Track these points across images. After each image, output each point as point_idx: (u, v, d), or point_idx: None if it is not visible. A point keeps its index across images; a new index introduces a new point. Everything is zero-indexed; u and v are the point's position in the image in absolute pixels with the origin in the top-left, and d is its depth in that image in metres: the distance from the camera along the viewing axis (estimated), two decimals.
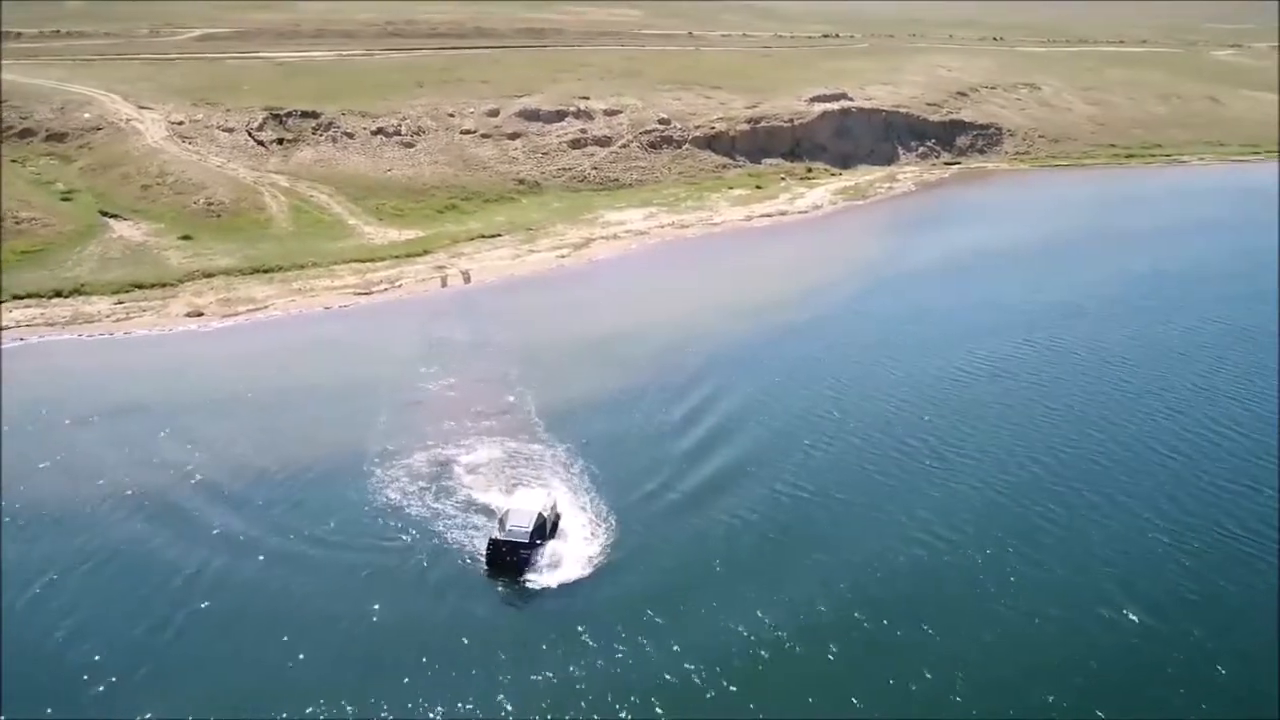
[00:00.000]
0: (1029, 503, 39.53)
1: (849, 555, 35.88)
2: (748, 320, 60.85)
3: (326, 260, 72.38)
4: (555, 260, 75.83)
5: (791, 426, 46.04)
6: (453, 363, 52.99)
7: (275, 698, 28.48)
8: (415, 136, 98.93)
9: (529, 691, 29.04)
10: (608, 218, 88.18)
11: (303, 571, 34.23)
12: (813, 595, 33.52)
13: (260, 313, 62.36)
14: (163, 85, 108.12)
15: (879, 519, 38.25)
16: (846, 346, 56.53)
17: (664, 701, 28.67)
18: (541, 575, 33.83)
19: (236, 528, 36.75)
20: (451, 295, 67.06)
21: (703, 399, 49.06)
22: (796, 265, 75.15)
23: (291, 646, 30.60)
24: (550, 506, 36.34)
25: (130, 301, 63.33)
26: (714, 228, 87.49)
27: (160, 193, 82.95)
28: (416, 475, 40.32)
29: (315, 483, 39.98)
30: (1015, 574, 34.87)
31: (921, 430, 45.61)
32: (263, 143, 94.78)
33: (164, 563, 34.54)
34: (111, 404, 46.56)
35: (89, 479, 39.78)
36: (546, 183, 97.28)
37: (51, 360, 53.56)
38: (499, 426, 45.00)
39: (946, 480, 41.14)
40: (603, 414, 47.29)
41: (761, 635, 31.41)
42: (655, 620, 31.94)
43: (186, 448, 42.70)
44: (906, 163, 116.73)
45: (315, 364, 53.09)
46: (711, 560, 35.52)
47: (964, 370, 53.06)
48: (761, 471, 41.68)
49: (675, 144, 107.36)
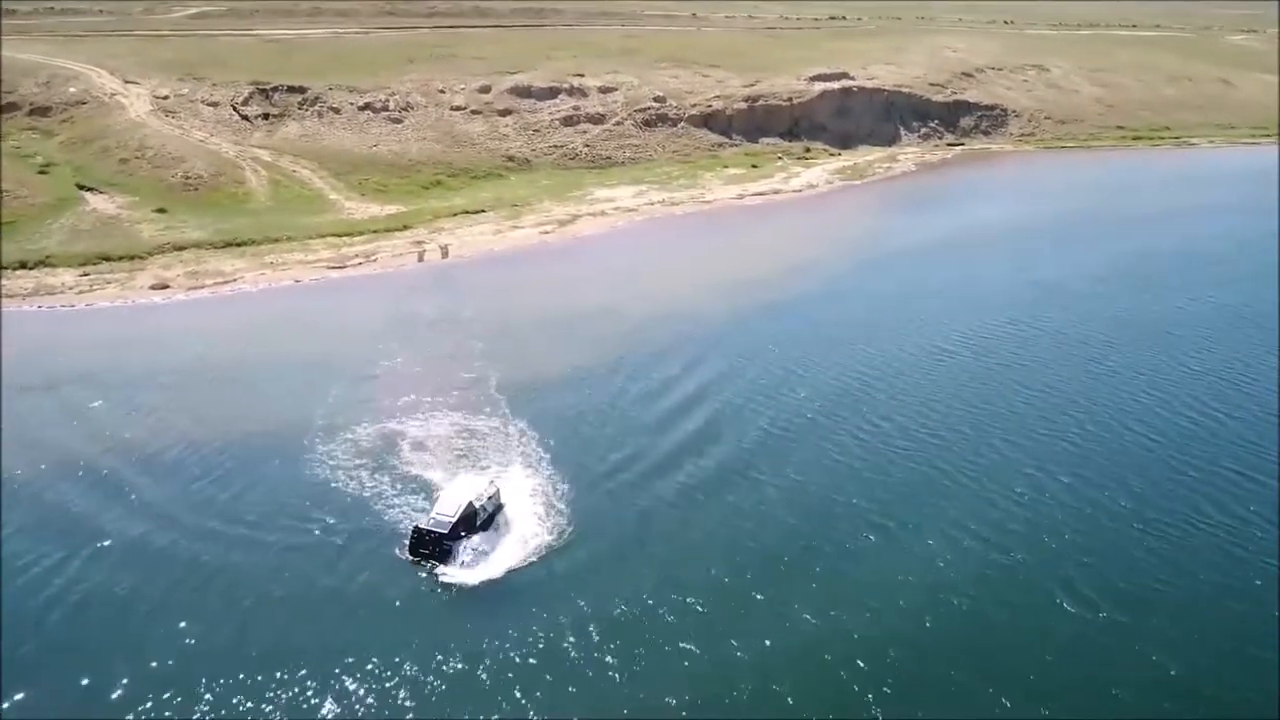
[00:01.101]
0: (995, 485, 37.39)
1: (796, 543, 33.79)
2: (728, 298, 58.90)
3: (302, 234, 70.76)
4: (538, 236, 74.03)
5: (757, 406, 44.12)
6: (416, 337, 51.31)
7: (142, 680, 26.81)
8: (403, 113, 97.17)
9: (394, 688, 27.09)
10: (597, 195, 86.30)
11: (213, 548, 32.49)
12: (744, 573, 31.78)
13: (227, 286, 60.83)
14: (151, 60, 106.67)
15: (832, 502, 36.21)
16: (824, 324, 54.54)
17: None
18: (460, 569, 31.43)
19: (156, 501, 35.15)
20: (426, 270, 65.36)
21: (671, 377, 47.21)
22: (783, 244, 73.07)
23: (179, 626, 28.89)
24: (487, 495, 33.93)
25: (96, 274, 61.91)
26: (705, 206, 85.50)
27: (139, 166, 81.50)
28: (359, 451, 38.60)
29: (249, 457, 38.29)
30: (971, 559, 32.80)
31: (891, 410, 43.59)
32: (247, 117, 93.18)
33: (78, 533, 33.01)
34: (54, 375, 45.07)
35: (16, 448, 38.26)
36: (537, 160, 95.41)
37: (6, 331, 52.08)
38: (455, 402, 43.27)
39: (910, 462, 39.05)
40: (566, 391, 45.52)
41: (688, 660, 28.51)
42: (567, 630, 29.32)
43: (125, 419, 41.20)
44: (908, 143, 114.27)
45: (274, 337, 51.53)
46: (652, 555, 33.03)
47: (942, 349, 50.99)
48: (719, 453, 39.68)
49: (670, 122, 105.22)
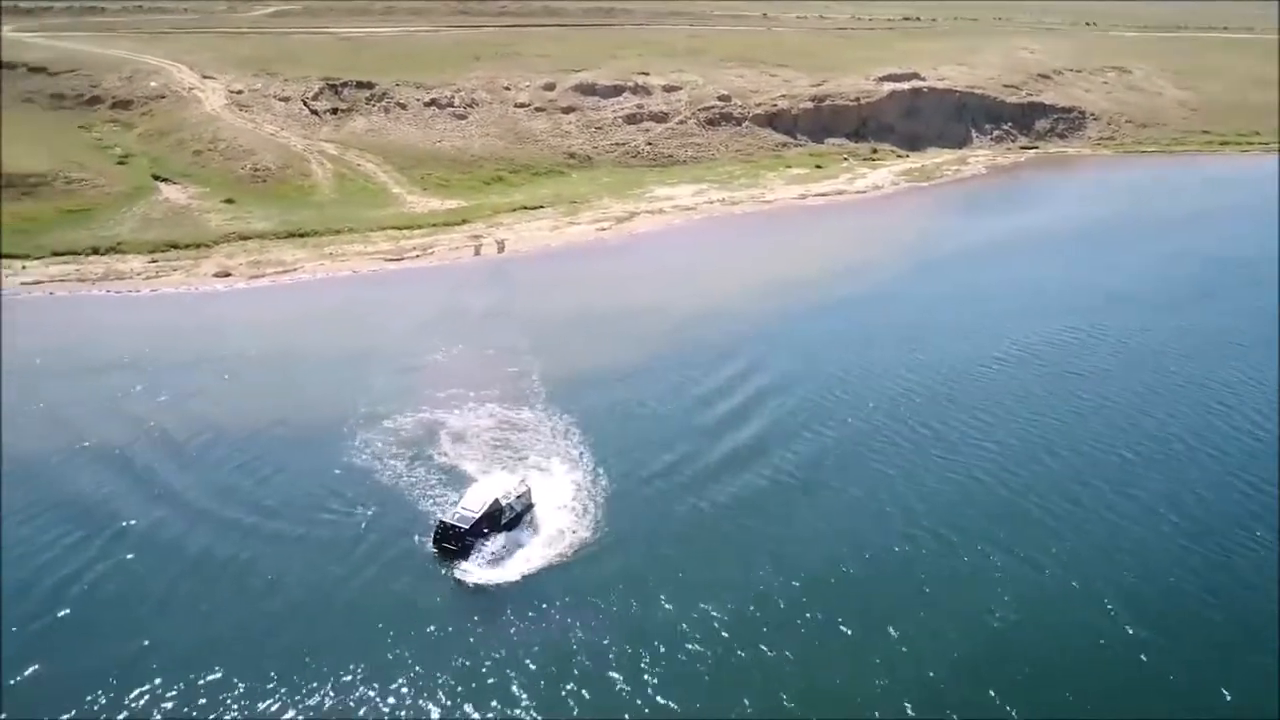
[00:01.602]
0: (1038, 498, 35.71)
1: (832, 552, 32.44)
2: (782, 297, 57.90)
3: (363, 227, 71.76)
4: (594, 233, 73.87)
5: (804, 410, 42.90)
6: (465, 330, 51.42)
7: (139, 664, 26.77)
8: (468, 109, 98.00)
9: (384, 681, 26.59)
10: (656, 193, 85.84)
11: (233, 533, 32.62)
12: (774, 591, 30.32)
13: (287, 275, 61.89)
14: (228, 57, 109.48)
15: (872, 512, 34.84)
16: (878, 327, 53.10)
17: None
18: (479, 567, 30.80)
19: (187, 484, 35.52)
20: (482, 264, 65.66)
21: (719, 377, 46.35)
22: (842, 245, 71.70)
23: (190, 609, 29.02)
24: (516, 494, 33.31)
25: (163, 260, 63.59)
26: (765, 205, 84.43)
27: (211, 158, 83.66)
28: (397, 440, 38.63)
29: (287, 442, 38.58)
30: (1006, 575, 31.25)
31: (937, 418, 42.03)
32: (317, 112, 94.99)
33: (101, 514, 33.55)
34: (110, 358, 46.30)
35: (59, 429, 39.27)
36: (598, 157, 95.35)
37: (71, 314, 53.83)
38: (498, 395, 43.10)
39: (952, 471, 37.47)
40: (610, 388, 45.02)
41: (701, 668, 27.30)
42: (576, 640, 28.14)
43: (169, 403, 41.91)
44: (979, 146, 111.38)
45: (326, 326, 52.19)
46: (683, 567, 31.74)
47: (997, 356, 49.15)
48: (761, 460, 38.49)
49: (734, 121, 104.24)
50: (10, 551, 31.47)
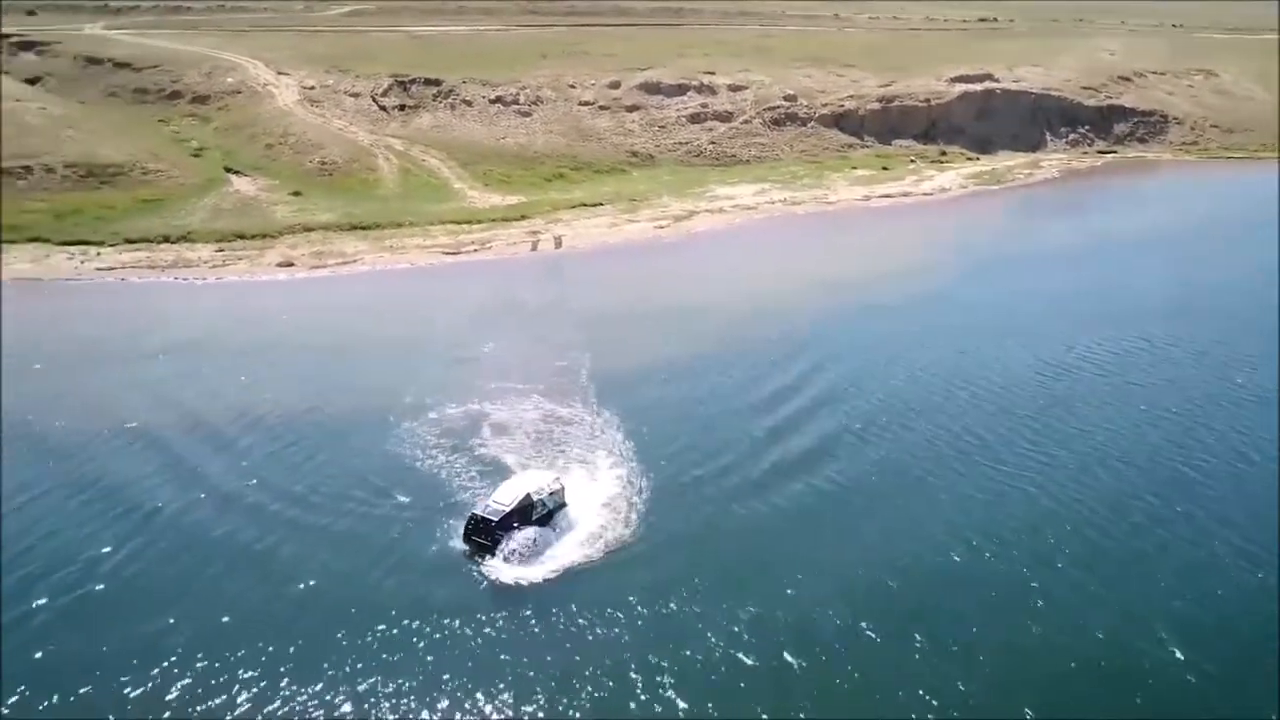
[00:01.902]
0: (1085, 511, 34.02)
1: (877, 567, 30.96)
2: (838, 298, 56.84)
3: (424, 220, 72.55)
4: (653, 231, 73.57)
5: (851, 414, 41.60)
6: (517, 324, 51.50)
7: (160, 642, 26.83)
8: (533, 106, 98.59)
9: (379, 671, 26.18)
10: (717, 192, 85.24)
11: (263, 516, 32.75)
12: (813, 610, 28.90)
13: (347, 266, 62.86)
14: (303, 54, 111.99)
15: (918, 526, 33.35)
16: (938, 331, 51.61)
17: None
18: (505, 562, 30.39)
19: (218, 469, 35.84)
20: (538, 259, 65.88)
21: (768, 378, 45.44)
22: (903, 246, 70.24)
23: (214, 587, 29.15)
24: (549, 490, 32.81)
25: (230, 250, 65.09)
26: (827, 206, 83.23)
27: (281, 152, 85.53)
28: (440, 430, 38.55)
29: (325, 430, 38.65)
30: (1053, 600, 29.66)
31: (988, 425, 40.46)
32: (385, 108, 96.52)
33: (137, 493, 34.14)
34: (168, 342, 47.37)
35: (111, 409, 40.12)
36: (661, 156, 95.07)
37: (138, 299, 55.40)
38: (545, 389, 42.90)
39: (1010, 485, 35.80)
40: (660, 385, 44.51)
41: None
42: (592, 649, 27.12)
43: (217, 387, 42.52)
44: (1054, 149, 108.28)
45: (380, 317, 52.77)
46: (718, 570, 30.68)
47: (1054, 362, 47.20)
48: (810, 464, 37.23)
49: (800, 121, 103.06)
50: (50, 525, 32.25)
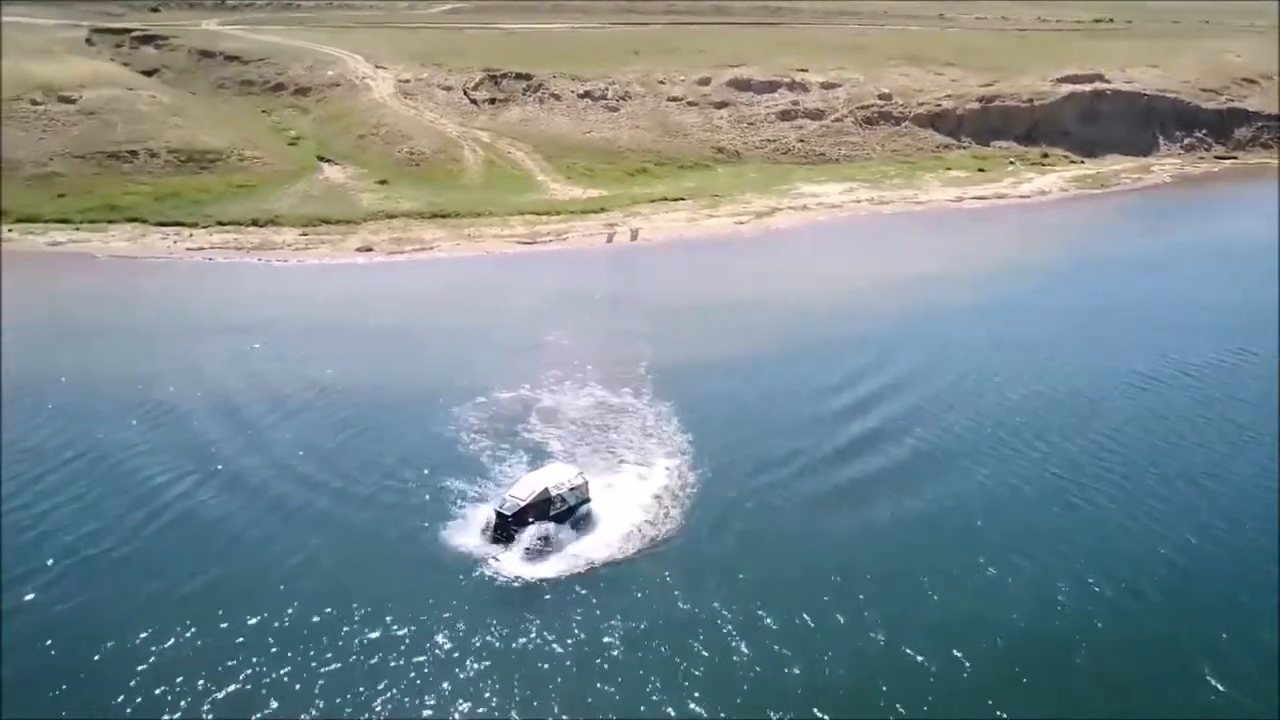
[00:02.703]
0: (1160, 528, 31.64)
1: (932, 590, 28.65)
2: (915, 298, 54.67)
3: (503, 211, 73.05)
4: (732, 226, 72.44)
5: (923, 420, 39.32)
6: (582, 313, 51.19)
7: (197, 598, 27.42)
8: (621, 101, 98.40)
9: (370, 659, 25.69)
10: (802, 190, 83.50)
11: (300, 489, 33.06)
12: (854, 633, 26.73)
13: (424, 253, 63.67)
14: (402, 49, 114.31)
15: (982, 549, 30.95)
16: (1017, 336, 48.99)
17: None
18: (519, 558, 29.48)
19: (272, 440, 36.49)
20: (612, 251, 65.53)
21: (835, 376, 43.74)
22: (992, 247, 67.47)
23: (244, 556, 29.55)
24: (569, 485, 31.62)
25: (313, 234, 66.71)
26: (916, 206, 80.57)
27: (372, 142, 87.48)
28: (488, 415, 38.29)
29: (377, 408, 38.93)
30: (1106, 620, 27.49)
31: (1060, 434, 38.00)
32: (476, 101, 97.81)
33: (197, 457, 35.07)
34: (243, 319, 48.81)
35: (181, 379, 41.36)
36: (747, 153, 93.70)
37: (222, 278, 57.15)
38: (601, 378, 42.34)
39: (1068, 495, 33.61)
40: (720, 379, 43.48)
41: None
42: (591, 658, 25.84)
43: (283, 363, 43.38)
44: (1167, 154, 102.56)
45: (448, 302, 53.29)
46: (754, 581, 28.79)
47: (1144, 373, 43.98)
48: (868, 472, 35.34)
49: (894, 121, 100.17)
50: (114, 484, 33.40)
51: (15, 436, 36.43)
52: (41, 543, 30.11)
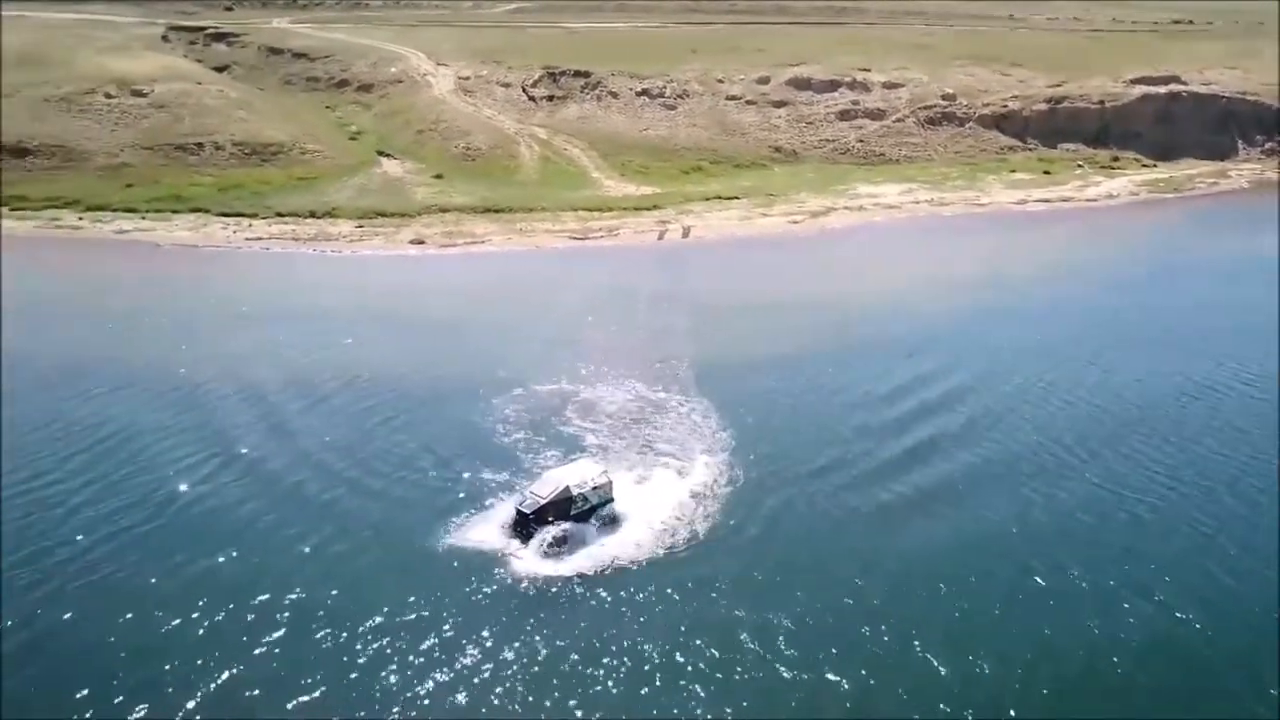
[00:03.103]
0: (1208, 544, 30.15)
1: (977, 612, 27.11)
2: (967, 300, 53.28)
3: (556, 206, 73.13)
4: (785, 225, 71.54)
5: (971, 426, 38.24)
6: (627, 308, 50.95)
7: (206, 579, 27.58)
8: (678, 99, 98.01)
9: (394, 659, 25.32)
10: (859, 190, 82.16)
11: (323, 476, 33.20)
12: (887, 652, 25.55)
13: (475, 246, 64.02)
14: (464, 47, 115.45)
15: (1015, 549, 30.08)
16: (1074, 341, 47.18)
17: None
18: (537, 556, 28.87)
19: (300, 426, 36.80)
20: (662, 248, 65.16)
21: (881, 377, 42.83)
22: (1051, 250, 65.50)
23: (256, 540, 29.71)
24: (592, 484, 30.78)
25: (368, 226, 67.54)
26: (977, 208, 78.68)
27: (430, 137, 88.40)
28: (522, 408, 38.12)
29: (410, 398, 39.07)
30: (1146, 648, 26.22)
31: (1109, 443, 36.51)
32: (534, 98, 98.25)
33: (224, 440, 35.64)
34: (289, 306, 49.82)
35: (221, 363, 42.13)
36: (805, 153, 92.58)
37: (276, 267, 58.19)
38: (640, 374, 41.96)
39: (1113, 508, 32.14)
40: (762, 377, 42.60)
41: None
42: (599, 659, 25.19)
43: (321, 350, 43.95)
44: (1245, 159, 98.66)
45: (494, 295, 53.39)
46: (782, 589, 27.67)
47: (1204, 383, 42.12)
48: (910, 476, 34.19)
49: (957, 121, 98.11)
50: (139, 464, 34.03)
51: (56, 415, 37.49)
52: (69, 518, 30.86)
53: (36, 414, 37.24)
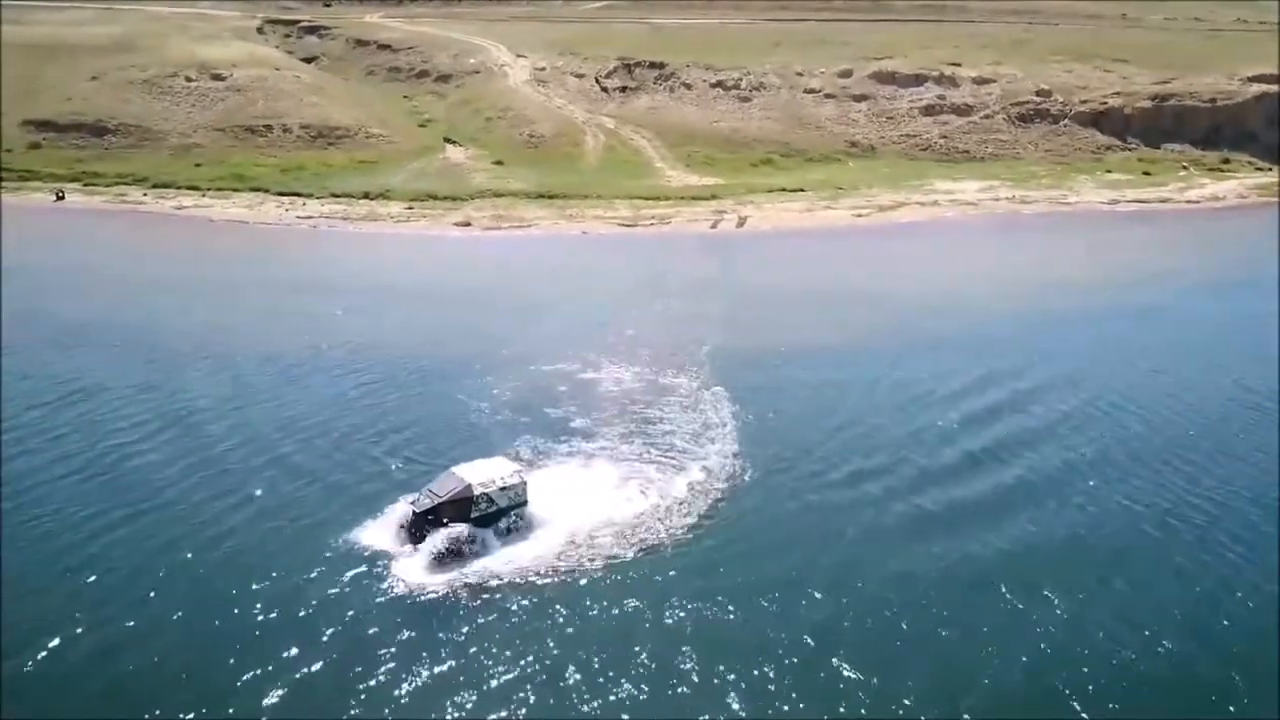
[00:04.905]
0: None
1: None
2: (1035, 301, 48.87)
3: (611, 194, 71.37)
4: (849, 218, 68.04)
5: (1018, 439, 33.57)
6: (660, 294, 48.43)
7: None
8: (754, 92, 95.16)
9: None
10: (936, 186, 77.88)
11: (286, 441, 31.40)
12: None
13: (520, 230, 62.70)
14: (545, 40, 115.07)
15: (1042, 589, 25.25)
16: (1144, 349, 42.38)
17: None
18: (422, 564, 24.93)
19: (292, 396, 35.22)
20: (713, 237, 62.64)
21: (919, 375, 38.78)
22: (1137, 253, 60.10)
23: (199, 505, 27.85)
24: (499, 485, 26.57)
25: (418, 208, 67.05)
26: (1063, 208, 73.55)
27: (497, 125, 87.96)
28: (517, 386, 35.65)
29: (406, 370, 37.38)
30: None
31: (1160, 456, 32.28)
32: (606, 89, 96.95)
33: (225, 406, 34.49)
34: (318, 279, 49.19)
35: (238, 332, 41.38)
36: (883, 148, 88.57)
37: (320, 243, 58.11)
38: (653, 359, 39.20)
39: (1155, 528, 27.90)
40: (781, 369, 39.19)
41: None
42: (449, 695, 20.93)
43: (335, 322, 42.86)
44: None
45: (526, 276, 51.90)
46: (719, 625, 23.10)
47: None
48: (937, 495, 29.49)
49: (1051, 119, 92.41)
50: (83, 424, 32.88)
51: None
52: None
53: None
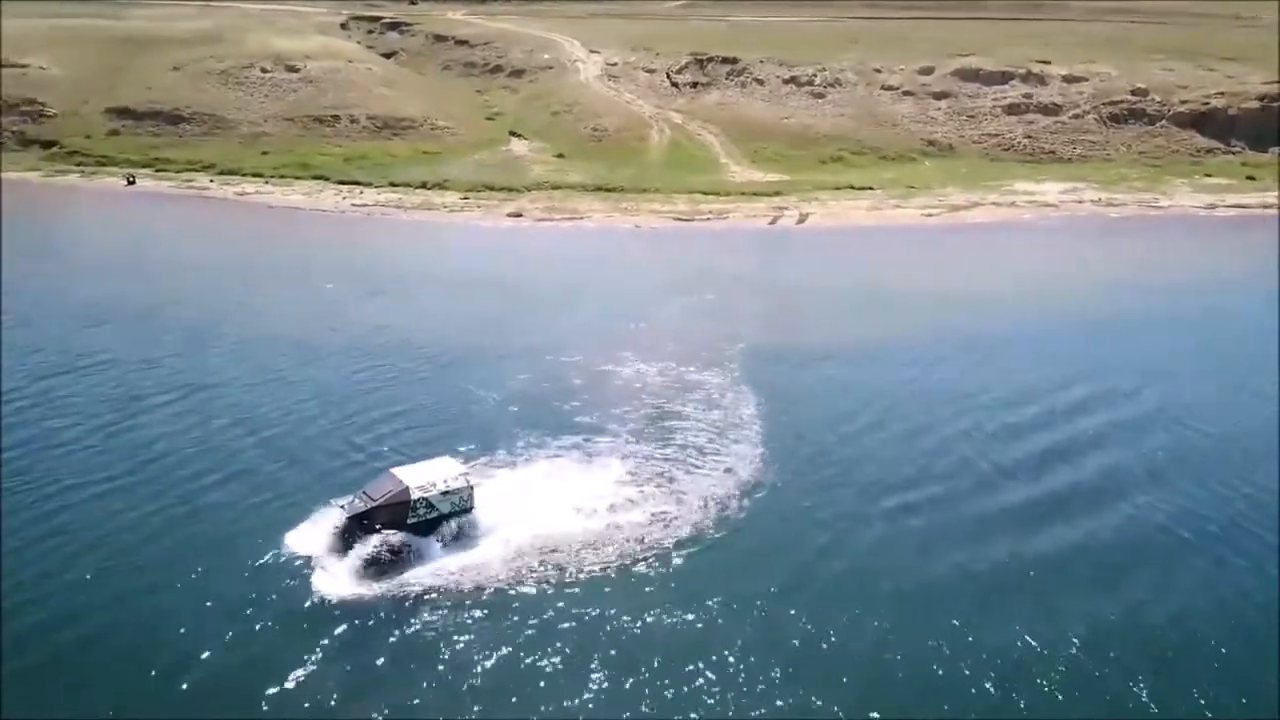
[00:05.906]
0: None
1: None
2: (1099, 304, 45.43)
3: (671, 189, 69.55)
4: (918, 217, 64.86)
5: (1062, 454, 31.04)
6: (701, 290, 46.47)
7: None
8: (828, 88, 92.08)
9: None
10: (1016, 187, 73.93)
11: (277, 427, 30.68)
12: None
13: (571, 222, 61.46)
14: (620, 35, 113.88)
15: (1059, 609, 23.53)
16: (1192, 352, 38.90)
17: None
18: (350, 572, 23.43)
19: (299, 377, 34.70)
20: (769, 233, 60.34)
21: (959, 379, 36.25)
22: (1232, 258, 55.46)
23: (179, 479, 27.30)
24: (441, 489, 24.93)
25: (473, 199, 66.37)
26: (1152, 211, 68.95)
27: (563, 119, 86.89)
28: (529, 378, 34.36)
29: (418, 358, 36.39)
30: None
31: (1201, 467, 29.05)
32: (676, 84, 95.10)
33: (233, 384, 34.09)
34: (354, 264, 48.81)
35: (246, 313, 41.04)
36: (962, 147, 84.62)
37: (368, 230, 57.71)
38: (679, 354, 37.30)
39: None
40: (820, 367, 37.32)
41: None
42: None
43: (354, 307, 42.33)
44: None
45: (565, 267, 50.77)
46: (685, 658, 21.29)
47: None
48: (955, 506, 27.38)
49: (1147, 120, 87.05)
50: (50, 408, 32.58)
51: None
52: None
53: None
